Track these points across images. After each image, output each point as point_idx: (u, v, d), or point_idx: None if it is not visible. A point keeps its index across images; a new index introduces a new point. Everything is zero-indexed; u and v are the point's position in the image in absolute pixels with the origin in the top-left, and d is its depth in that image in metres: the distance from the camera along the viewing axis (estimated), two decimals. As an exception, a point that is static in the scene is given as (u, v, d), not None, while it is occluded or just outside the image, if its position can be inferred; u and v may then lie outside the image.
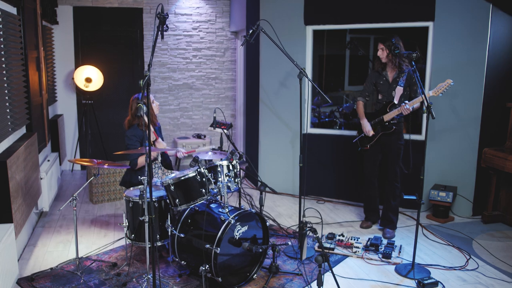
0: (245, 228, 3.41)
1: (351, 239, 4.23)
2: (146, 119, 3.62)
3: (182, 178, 3.44)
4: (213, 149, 4.25)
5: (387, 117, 4.32)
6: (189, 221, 3.53)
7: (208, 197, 3.50)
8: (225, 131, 4.46)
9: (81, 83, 6.46)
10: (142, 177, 3.20)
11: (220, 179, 3.55)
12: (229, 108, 7.70)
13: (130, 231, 3.72)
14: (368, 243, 4.14)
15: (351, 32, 7.05)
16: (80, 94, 6.89)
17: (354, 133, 4.98)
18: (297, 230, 4.43)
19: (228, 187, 3.57)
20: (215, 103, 7.62)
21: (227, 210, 3.42)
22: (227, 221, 3.29)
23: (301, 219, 4.09)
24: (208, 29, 7.40)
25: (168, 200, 3.56)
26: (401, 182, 4.48)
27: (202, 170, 3.46)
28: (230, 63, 7.59)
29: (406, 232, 4.57)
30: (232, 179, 3.63)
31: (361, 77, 7.07)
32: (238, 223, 3.35)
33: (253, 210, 3.50)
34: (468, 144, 4.95)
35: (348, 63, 7.52)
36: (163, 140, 4.36)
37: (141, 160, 4.11)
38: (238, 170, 3.72)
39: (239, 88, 7.50)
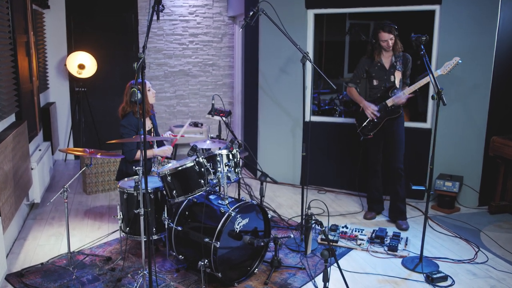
0: (246, 221, 3.24)
1: (355, 231, 4.07)
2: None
3: (180, 168, 3.25)
4: (212, 137, 4.07)
5: (390, 101, 4.18)
6: (187, 213, 3.35)
7: (207, 188, 3.31)
8: (224, 118, 4.28)
9: (73, 70, 6.24)
10: (137, 167, 3.02)
11: (219, 169, 3.36)
12: (226, 96, 7.49)
13: (125, 224, 3.54)
14: (373, 235, 3.98)
15: (351, 18, 6.86)
16: (73, 81, 6.66)
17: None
18: (300, 222, 4.26)
19: (228, 178, 3.38)
20: (212, 90, 7.41)
21: (227, 201, 3.25)
22: (227, 214, 3.12)
23: (306, 212, 3.92)
24: (205, 14, 7.16)
25: (164, 192, 3.37)
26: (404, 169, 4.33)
27: (201, 160, 3.27)
28: (227, 49, 7.36)
29: (412, 224, 4.41)
30: (232, 169, 3.44)
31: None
32: (238, 216, 3.18)
33: (254, 202, 3.33)
34: (475, 132, 4.78)
35: (348, 50, 7.35)
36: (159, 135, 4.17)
37: (139, 155, 3.89)
38: (238, 159, 3.53)
39: (237, 75, 7.29)
